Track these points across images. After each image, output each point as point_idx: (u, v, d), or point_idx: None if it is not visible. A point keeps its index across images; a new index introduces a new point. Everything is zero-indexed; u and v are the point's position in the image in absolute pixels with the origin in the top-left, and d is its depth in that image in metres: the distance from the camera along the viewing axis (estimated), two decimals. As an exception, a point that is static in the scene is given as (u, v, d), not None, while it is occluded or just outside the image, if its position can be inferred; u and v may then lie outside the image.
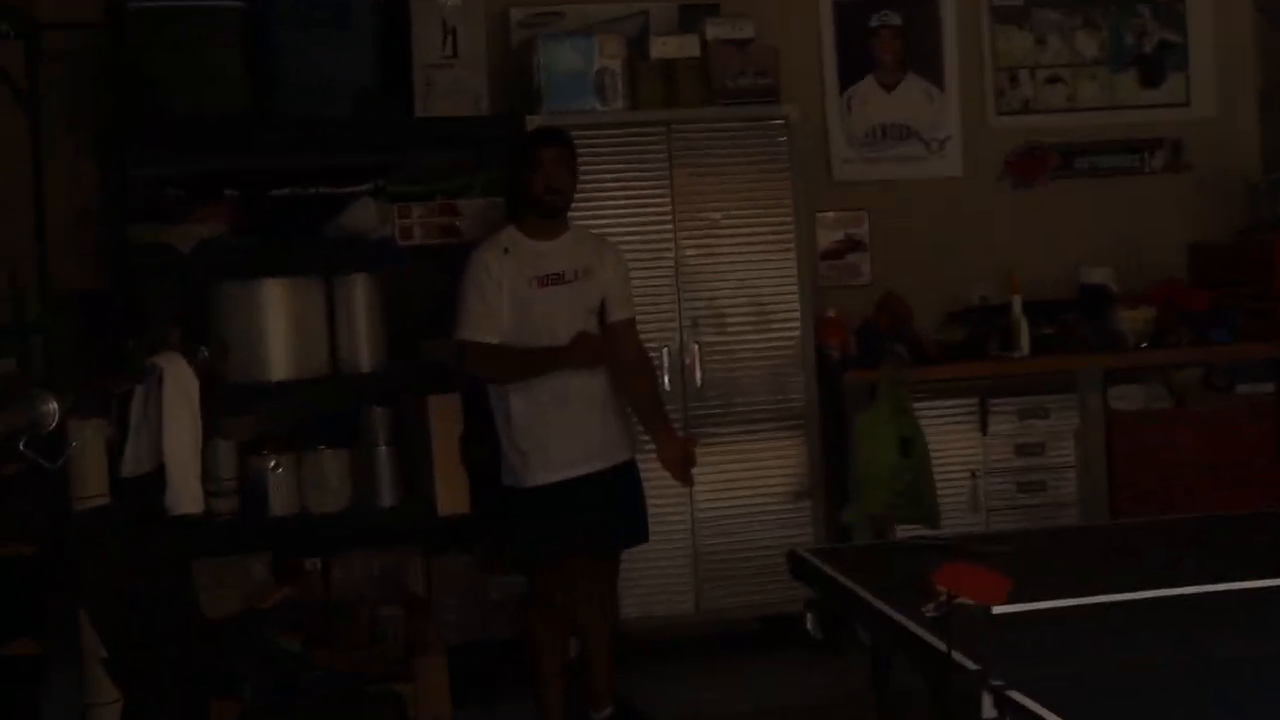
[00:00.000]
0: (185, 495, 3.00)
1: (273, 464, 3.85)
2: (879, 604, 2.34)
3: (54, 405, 2.05)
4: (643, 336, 3.75)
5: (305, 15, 3.88)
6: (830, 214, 4.70)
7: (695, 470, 3.71)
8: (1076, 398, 4.40)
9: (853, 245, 4.72)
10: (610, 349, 3.60)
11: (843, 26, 4.75)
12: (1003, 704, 1.70)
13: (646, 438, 3.65)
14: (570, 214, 3.59)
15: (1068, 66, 4.88)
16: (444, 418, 3.85)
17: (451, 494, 3.84)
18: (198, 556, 3.58)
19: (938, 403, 4.28)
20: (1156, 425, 4.36)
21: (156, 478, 3.06)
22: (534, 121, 3.94)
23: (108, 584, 2.42)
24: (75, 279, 3.90)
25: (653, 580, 4.16)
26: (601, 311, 3.59)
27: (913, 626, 2.06)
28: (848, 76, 4.75)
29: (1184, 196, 4.93)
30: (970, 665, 1.78)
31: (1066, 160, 4.79)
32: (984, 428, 4.28)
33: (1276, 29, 4.98)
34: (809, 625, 4.03)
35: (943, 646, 1.83)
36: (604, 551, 3.60)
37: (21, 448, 2.16)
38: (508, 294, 3.47)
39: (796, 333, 4.27)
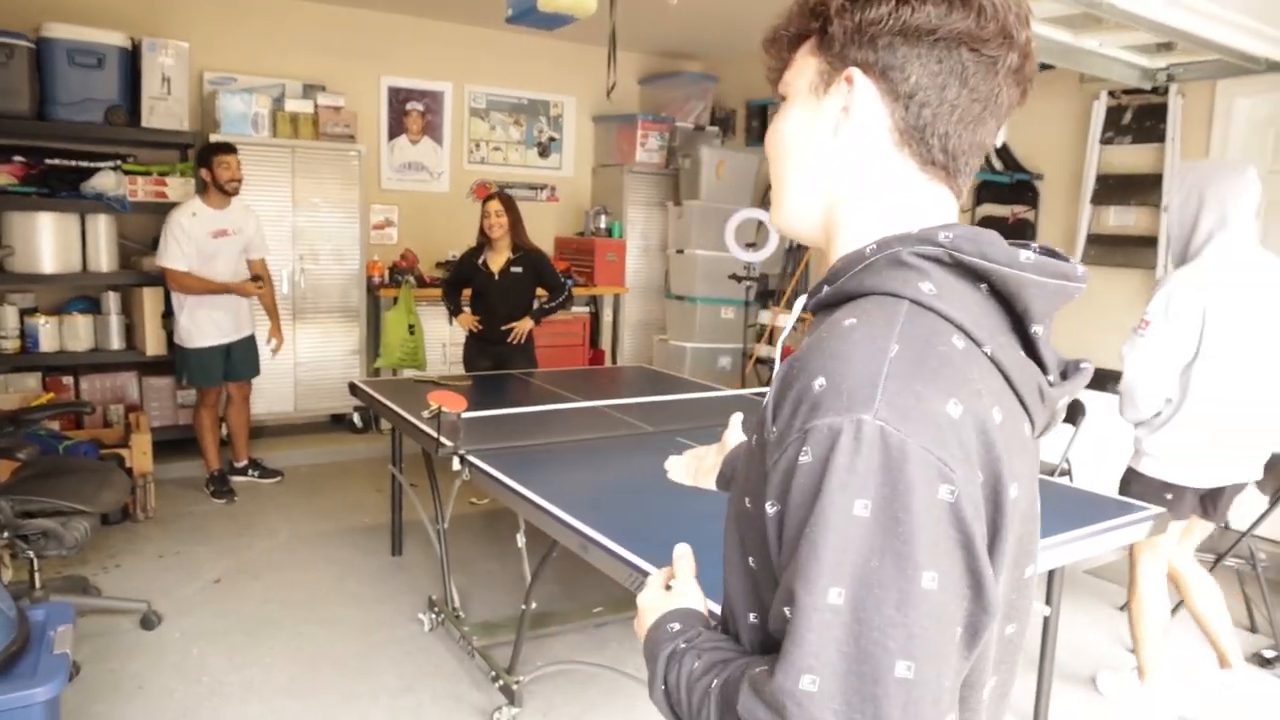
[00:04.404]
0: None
1: (43, 321, 4.77)
2: (399, 409, 2.95)
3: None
4: (271, 265, 4.70)
5: (74, 57, 4.60)
6: (379, 205, 5.88)
7: (297, 335, 4.94)
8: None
9: (389, 223, 5.96)
10: (254, 286, 4.35)
11: (392, 106, 5.97)
12: (465, 463, 2.33)
13: (266, 321, 4.61)
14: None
15: (505, 143, 6.30)
16: (152, 302, 4.87)
17: (155, 343, 4.91)
18: (-8, 375, 4.25)
19: (429, 306, 5.39)
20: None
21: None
22: (215, 138, 4.74)
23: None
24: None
25: (269, 394, 5.17)
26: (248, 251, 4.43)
27: (418, 423, 2.61)
28: (393, 133, 5.97)
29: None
30: (449, 443, 2.37)
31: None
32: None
33: (604, 132, 6.34)
34: (355, 417, 5.38)
35: (434, 433, 2.41)
36: (239, 379, 4.63)
37: None
38: (195, 241, 4.25)
39: (357, 266, 5.44)
